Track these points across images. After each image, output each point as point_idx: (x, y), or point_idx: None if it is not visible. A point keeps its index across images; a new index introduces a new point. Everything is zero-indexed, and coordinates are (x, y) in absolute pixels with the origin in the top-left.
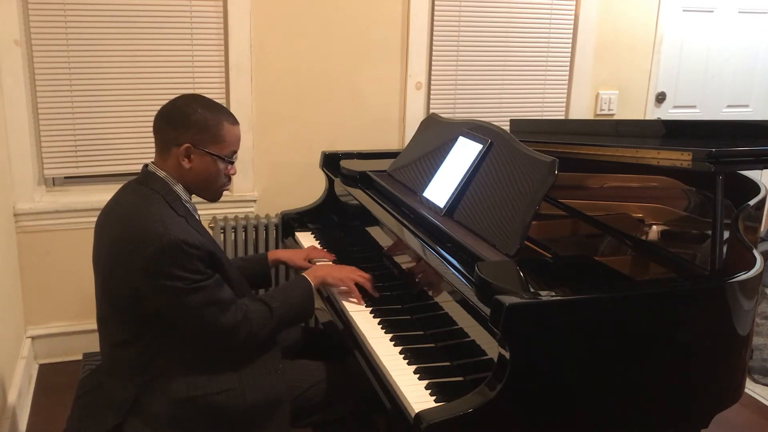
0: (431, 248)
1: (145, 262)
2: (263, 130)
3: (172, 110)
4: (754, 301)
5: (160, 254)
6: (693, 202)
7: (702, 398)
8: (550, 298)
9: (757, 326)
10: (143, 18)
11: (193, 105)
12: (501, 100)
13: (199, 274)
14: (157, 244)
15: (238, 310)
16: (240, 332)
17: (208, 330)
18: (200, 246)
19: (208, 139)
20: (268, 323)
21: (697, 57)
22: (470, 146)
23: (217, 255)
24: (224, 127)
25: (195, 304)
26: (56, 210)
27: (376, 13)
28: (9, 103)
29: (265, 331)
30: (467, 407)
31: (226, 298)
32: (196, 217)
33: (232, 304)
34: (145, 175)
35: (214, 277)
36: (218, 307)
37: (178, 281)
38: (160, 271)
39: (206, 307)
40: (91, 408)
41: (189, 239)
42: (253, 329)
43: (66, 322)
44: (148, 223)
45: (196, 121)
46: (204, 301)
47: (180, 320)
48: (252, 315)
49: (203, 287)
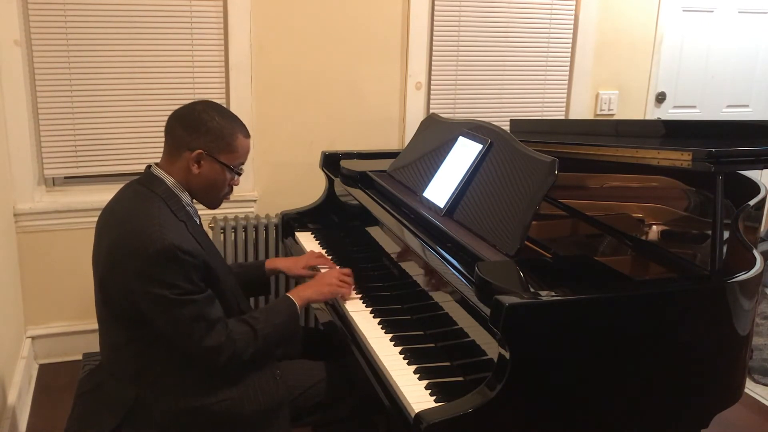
0: (431, 248)
1: (138, 265)
2: (263, 129)
3: (189, 114)
4: (754, 301)
5: (154, 258)
6: (693, 202)
7: (702, 398)
8: (550, 298)
9: (757, 326)
10: (143, 18)
11: (211, 112)
12: (501, 100)
13: (190, 284)
14: (151, 247)
15: (223, 330)
16: (222, 354)
17: (190, 347)
18: (195, 254)
19: (221, 147)
20: (252, 345)
21: (697, 57)
22: (470, 146)
23: (213, 266)
24: (238, 138)
25: (182, 318)
26: (56, 210)
27: (376, 13)
28: (9, 103)
29: (249, 352)
30: (467, 407)
31: (214, 316)
32: (197, 222)
33: (218, 324)
34: (148, 176)
35: (206, 293)
36: (204, 325)
37: (167, 289)
38: (151, 276)
39: (193, 322)
40: (90, 408)
41: (184, 246)
42: (236, 351)
43: (66, 322)
44: (146, 225)
45: (212, 128)
46: (192, 316)
47: (166, 332)
48: (236, 336)
49: (192, 301)
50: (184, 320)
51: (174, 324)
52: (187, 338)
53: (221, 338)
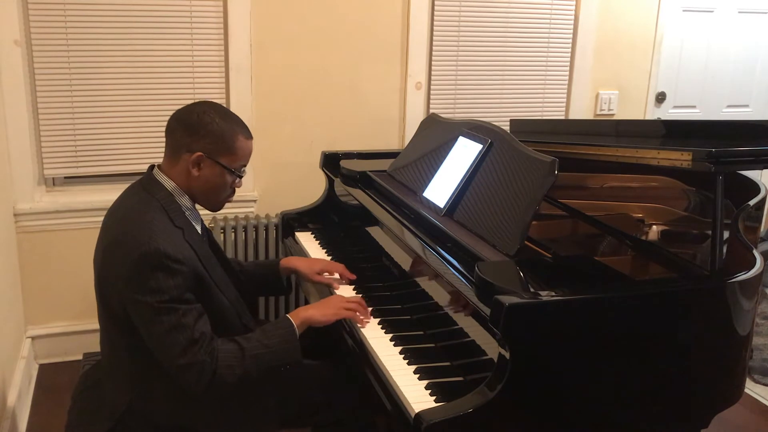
0: (431, 248)
1: (125, 270)
2: (263, 130)
3: (189, 115)
4: (754, 301)
5: (140, 263)
6: (693, 202)
7: (702, 398)
8: (550, 298)
9: (757, 326)
10: (143, 18)
11: (212, 114)
12: (501, 100)
13: (176, 292)
14: (137, 252)
15: (206, 348)
16: (203, 374)
17: (169, 362)
18: (184, 261)
19: (221, 150)
20: (238, 364)
21: (697, 57)
22: (470, 146)
23: (207, 277)
24: (238, 140)
25: (161, 327)
26: (56, 210)
27: (376, 13)
28: (9, 103)
29: (236, 374)
30: (467, 407)
31: (197, 332)
32: (198, 229)
33: (201, 340)
34: (150, 179)
35: (193, 305)
36: (184, 339)
37: (151, 296)
38: (136, 281)
39: (173, 333)
40: (89, 406)
41: (171, 253)
42: (218, 371)
43: (66, 322)
44: (137, 230)
45: (212, 130)
46: (172, 326)
47: (147, 342)
48: (220, 355)
49: (175, 310)
50: (165, 330)
51: (155, 333)
52: (165, 351)
53: (201, 356)
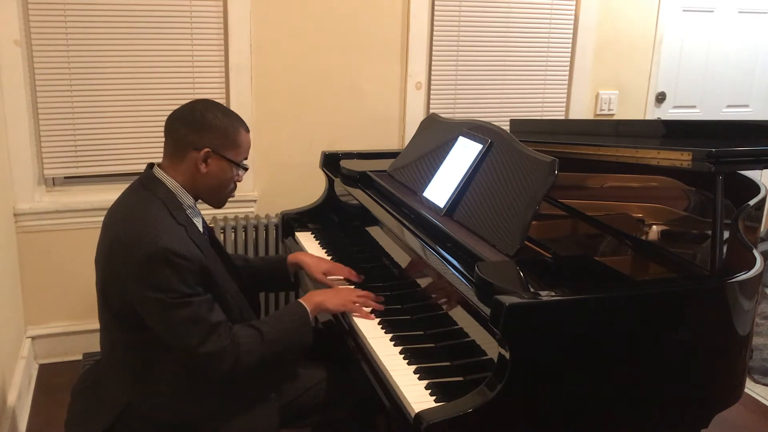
0: (431, 248)
1: (132, 269)
2: (263, 130)
3: (191, 114)
4: (754, 301)
5: (146, 261)
6: (693, 202)
7: (702, 398)
8: (550, 298)
9: (757, 326)
10: (143, 18)
11: (213, 110)
12: (501, 100)
13: (186, 287)
14: (143, 251)
15: (226, 334)
16: (225, 359)
17: (190, 352)
18: (190, 258)
19: (227, 144)
20: (258, 349)
21: (697, 57)
22: (470, 146)
23: (211, 270)
24: (241, 134)
25: (177, 321)
26: (56, 210)
27: (376, 13)
28: (9, 103)
29: (255, 357)
30: (467, 407)
31: (214, 320)
32: (198, 226)
33: (219, 327)
34: (150, 178)
35: (204, 296)
36: (203, 329)
37: (162, 293)
38: (145, 280)
39: (190, 325)
40: (89, 403)
41: (177, 249)
42: (240, 356)
43: (66, 322)
44: (141, 228)
45: (216, 126)
46: (188, 318)
47: (164, 337)
48: (240, 340)
49: (189, 303)
50: (181, 323)
51: (171, 328)
52: (185, 343)
53: (223, 342)
